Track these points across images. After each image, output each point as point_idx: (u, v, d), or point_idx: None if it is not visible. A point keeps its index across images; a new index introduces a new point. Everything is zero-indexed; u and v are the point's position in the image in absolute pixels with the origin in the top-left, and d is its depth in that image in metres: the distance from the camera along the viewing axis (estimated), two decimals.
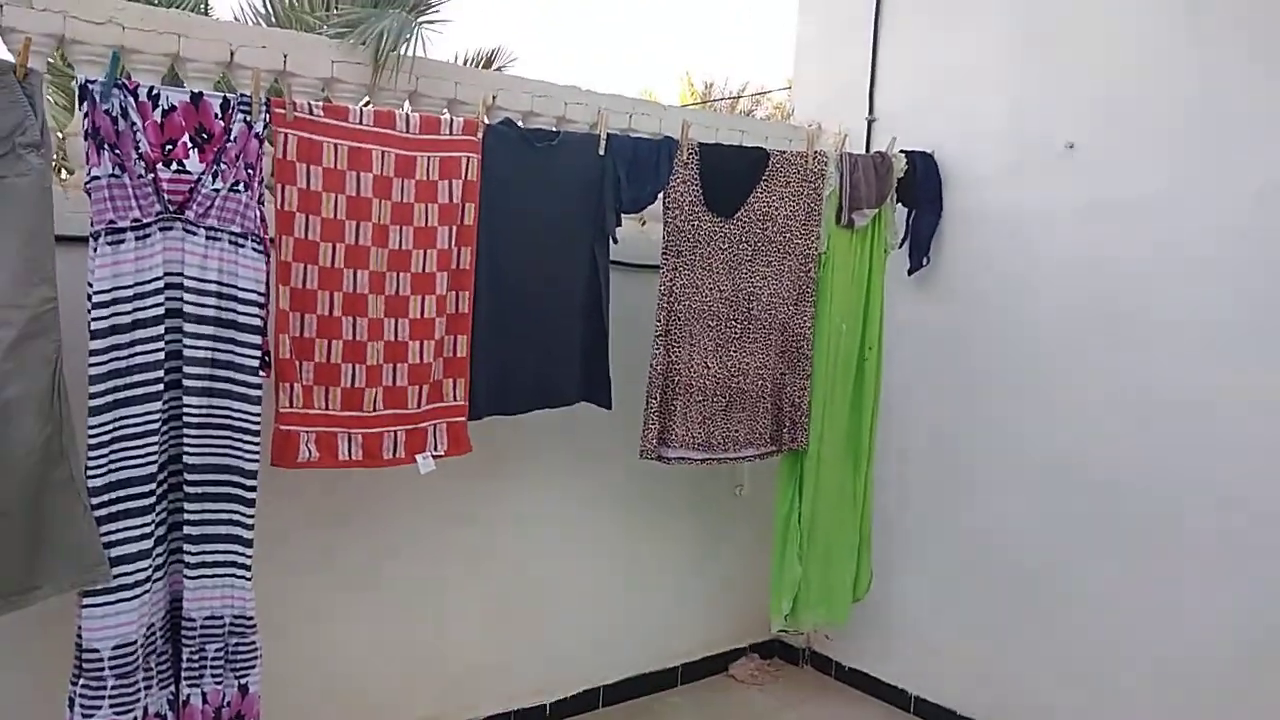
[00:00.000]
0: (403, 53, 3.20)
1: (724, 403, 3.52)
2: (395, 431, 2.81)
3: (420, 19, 3.27)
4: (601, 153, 3.16)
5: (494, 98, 3.54)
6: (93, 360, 2.31)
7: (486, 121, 2.95)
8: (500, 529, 3.66)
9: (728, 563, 4.39)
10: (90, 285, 2.32)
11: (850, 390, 3.86)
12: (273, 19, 6.41)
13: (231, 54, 3.03)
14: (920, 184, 3.96)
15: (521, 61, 7.37)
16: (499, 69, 6.40)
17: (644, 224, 3.96)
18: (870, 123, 4.40)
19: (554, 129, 3.34)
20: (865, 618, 4.14)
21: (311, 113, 2.62)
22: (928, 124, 4.08)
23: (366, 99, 3.34)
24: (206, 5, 6.40)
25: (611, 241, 3.22)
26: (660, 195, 3.33)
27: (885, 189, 3.82)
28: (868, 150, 4.24)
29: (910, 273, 4.06)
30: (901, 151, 3.91)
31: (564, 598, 3.88)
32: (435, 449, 2.87)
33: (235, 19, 6.49)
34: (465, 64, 6.26)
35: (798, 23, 4.90)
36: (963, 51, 4.02)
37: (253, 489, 2.54)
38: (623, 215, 3.27)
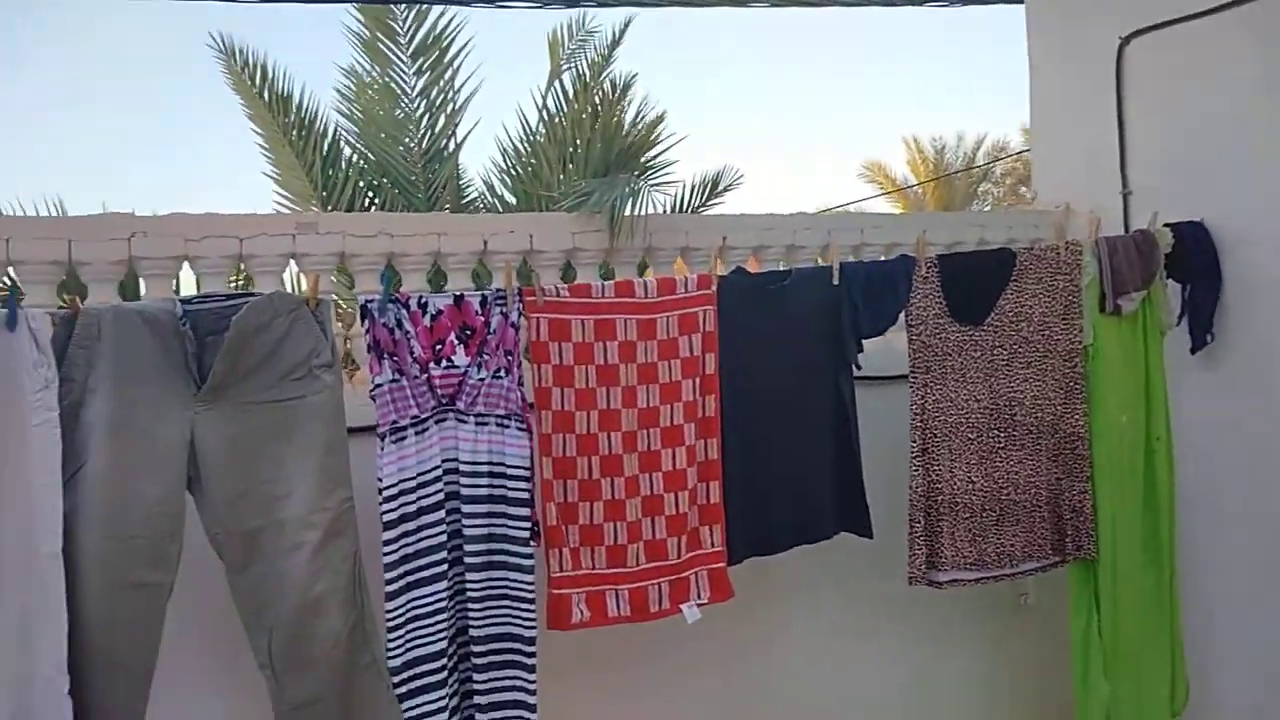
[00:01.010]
0: (635, 215, 3.39)
1: (995, 516, 3.34)
2: (659, 584, 2.89)
3: (649, 184, 3.43)
4: (835, 282, 3.16)
5: (724, 239, 3.65)
6: (386, 549, 2.56)
7: (720, 273, 3.04)
8: (772, 667, 3.63)
9: (1019, 682, 4.09)
10: (380, 480, 2.59)
11: (1140, 486, 3.54)
12: (508, 183, 6.94)
13: (485, 243, 3.34)
14: (1193, 256, 3.63)
15: (747, 166, 7.49)
16: (726, 188, 6.57)
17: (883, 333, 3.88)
18: (1126, 196, 4.10)
19: (785, 268, 3.38)
20: None
21: (558, 295, 2.82)
22: (1191, 187, 3.75)
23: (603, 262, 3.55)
24: (459, 181, 7.00)
25: (855, 368, 3.18)
26: (902, 313, 3.26)
27: (1152, 267, 3.53)
28: (1126, 228, 3.94)
29: (1193, 351, 3.70)
30: (1166, 226, 3.60)
31: None
32: (698, 597, 2.92)
33: (483, 183, 7.13)
34: (693, 190, 6.49)
35: (1030, 89, 4.67)
36: (1215, 98, 3.67)
37: (533, 654, 2.68)
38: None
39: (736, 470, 3.00)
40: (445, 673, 2.62)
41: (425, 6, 6.72)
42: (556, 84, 7.00)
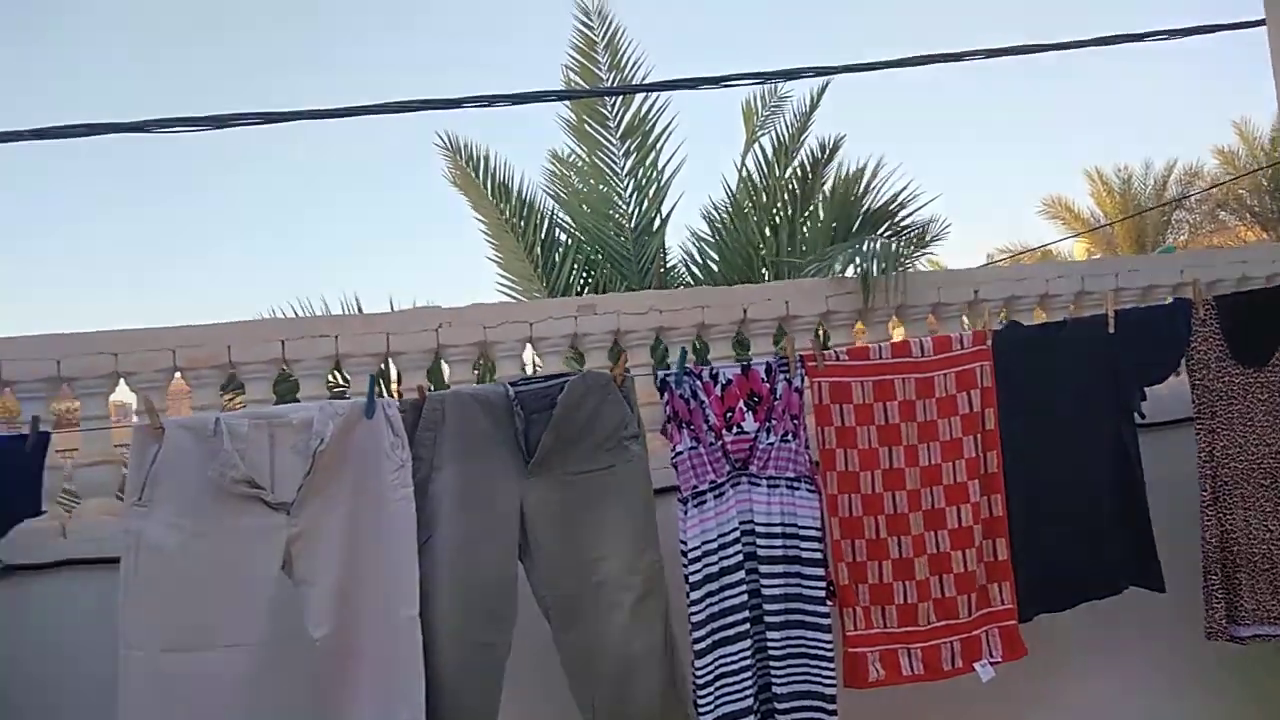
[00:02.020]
0: (888, 275, 3.47)
1: None
2: (951, 642, 2.89)
3: (909, 249, 3.51)
4: (1111, 330, 3.12)
5: (975, 293, 3.68)
6: (694, 608, 2.69)
7: (994, 328, 3.06)
8: None
9: None
10: (684, 542, 2.73)
11: None
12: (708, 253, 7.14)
13: (744, 311, 3.49)
14: None
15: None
16: (934, 239, 6.53)
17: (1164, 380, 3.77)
18: None
19: (1056, 320, 3.36)
20: None
21: (838, 358, 2.92)
22: None
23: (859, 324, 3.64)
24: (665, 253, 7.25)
25: (1138, 417, 3.11)
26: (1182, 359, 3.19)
27: None
28: None
29: None
30: None
31: None
32: (991, 655, 2.89)
33: (682, 252, 7.36)
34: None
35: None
36: None
37: (834, 712, 2.73)
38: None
39: (1021, 525, 2.97)
40: None
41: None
42: (755, 150, 7.19)
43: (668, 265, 7.48)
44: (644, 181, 7.32)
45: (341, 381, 4.17)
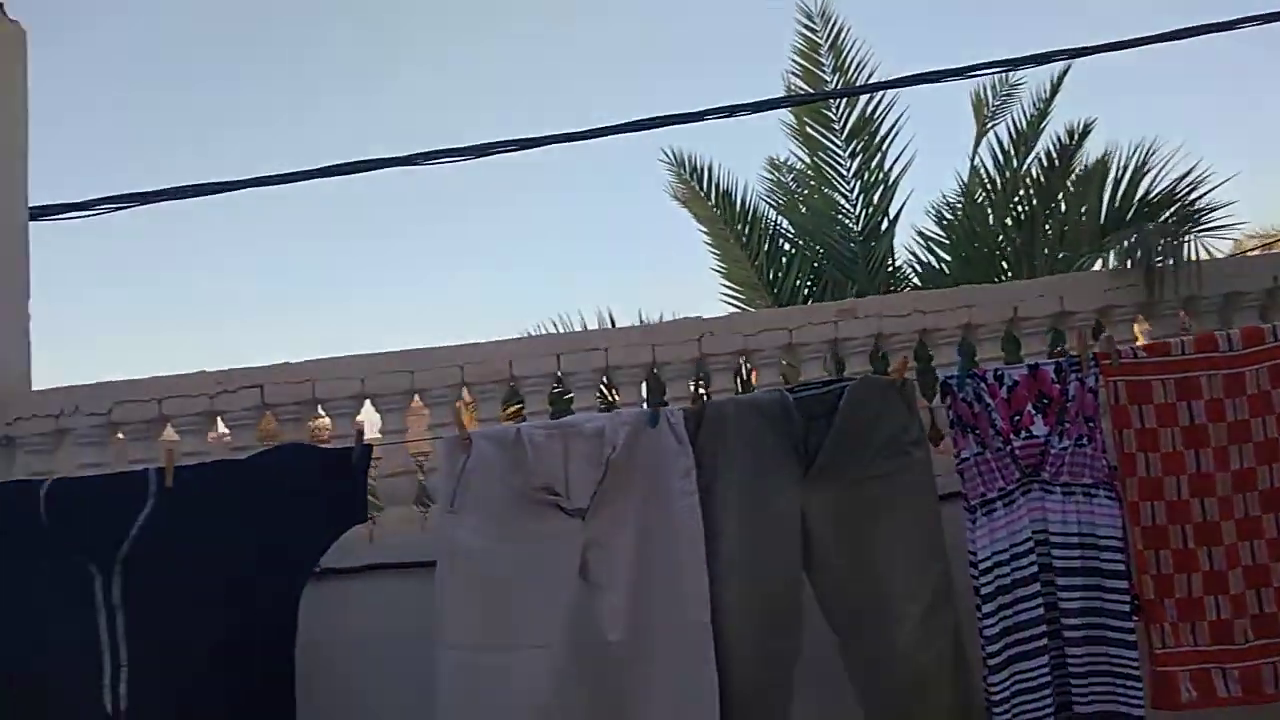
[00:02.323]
0: (1176, 264, 3.23)
1: None
2: (1273, 662, 2.65)
3: (1193, 230, 3.26)
4: None
5: (1275, 279, 3.37)
6: (986, 622, 2.59)
7: None
8: None
9: None
10: (973, 554, 2.64)
11: None
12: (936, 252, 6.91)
13: (1014, 310, 3.34)
14: None
15: None
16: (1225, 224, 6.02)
17: None
18: None
19: None
20: None
21: (1135, 356, 2.74)
22: None
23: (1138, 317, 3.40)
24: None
25: None
26: None
27: None
28: None
29: None
30: None
31: None
32: None
33: (907, 251, 7.15)
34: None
35: None
36: None
37: None
38: None
39: None
40: None
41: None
42: (989, 142, 6.91)
43: (896, 266, 7.30)
44: (870, 183, 7.19)
45: (608, 394, 4.31)
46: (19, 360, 3.27)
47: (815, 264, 7.18)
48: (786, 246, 7.31)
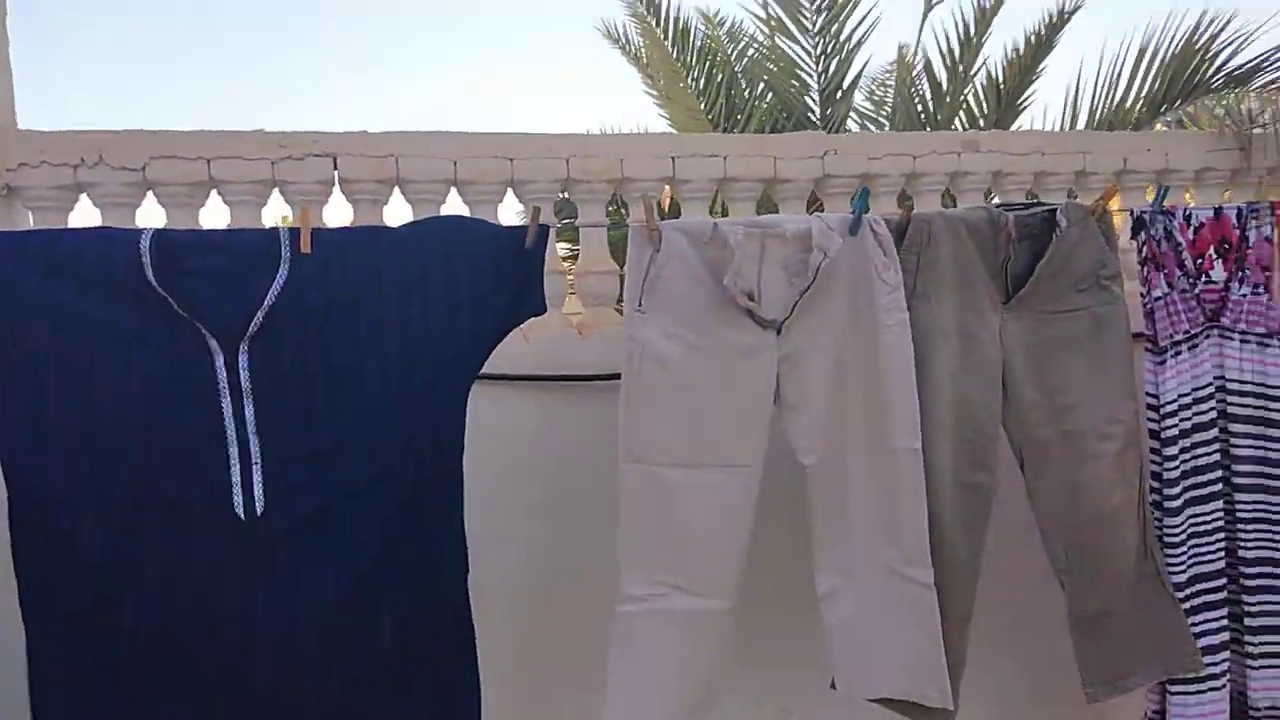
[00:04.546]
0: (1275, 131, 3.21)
1: None
2: None
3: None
4: None
5: None
6: (1168, 464, 2.51)
7: None
8: None
9: None
10: (1155, 396, 2.53)
11: None
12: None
13: (1124, 161, 3.23)
14: None
15: None
16: None
17: None
18: None
19: None
20: None
21: None
22: None
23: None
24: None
25: None
26: None
27: None
28: None
29: None
30: None
31: None
32: None
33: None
34: None
35: None
36: None
37: None
38: None
39: None
40: (1224, 592, 2.56)
41: None
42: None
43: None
44: (830, 48, 6.91)
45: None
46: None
47: (778, 122, 6.89)
48: (749, 97, 6.97)
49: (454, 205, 2.75)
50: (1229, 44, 3.81)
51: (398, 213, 2.71)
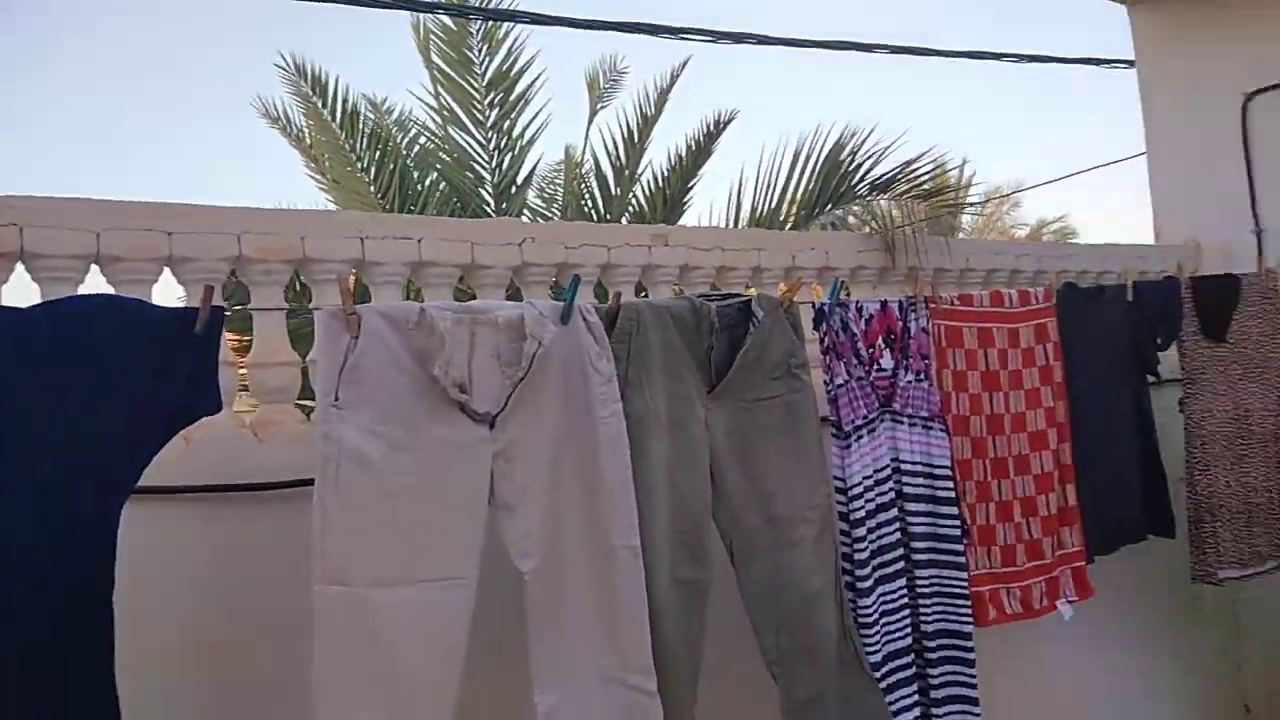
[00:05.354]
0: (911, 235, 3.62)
1: (1245, 519, 3.66)
2: (1039, 582, 3.03)
3: (938, 205, 3.65)
4: (1129, 299, 3.43)
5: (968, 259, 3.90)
6: (857, 546, 2.61)
7: (1056, 287, 3.25)
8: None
9: None
10: (842, 480, 2.64)
11: None
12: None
13: (793, 258, 3.46)
14: None
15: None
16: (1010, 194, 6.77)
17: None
18: (1259, 234, 4.64)
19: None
20: None
21: (952, 304, 2.96)
22: None
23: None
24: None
25: (1155, 377, 3.46)
26: None
27: None
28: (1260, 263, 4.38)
29: None
30: None
31: None
32: (1067, 595, 3.07)
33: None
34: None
35: (1147, 138, 5.20)
36: None
37: (971, 649, 2.76)
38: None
39: (1083, 472, 3.19)
40: (913, 668, 2.67)
41: (499, 39, 6.74)
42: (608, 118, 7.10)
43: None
44: (505, 142, 6.99)
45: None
46: None
47: (450, 208, 6.78)
48: (427, 186, 6.82)
49: (96, 285, 2.32)
50: (870, 155, 4.27)
51: (22, 294, 2.24)
